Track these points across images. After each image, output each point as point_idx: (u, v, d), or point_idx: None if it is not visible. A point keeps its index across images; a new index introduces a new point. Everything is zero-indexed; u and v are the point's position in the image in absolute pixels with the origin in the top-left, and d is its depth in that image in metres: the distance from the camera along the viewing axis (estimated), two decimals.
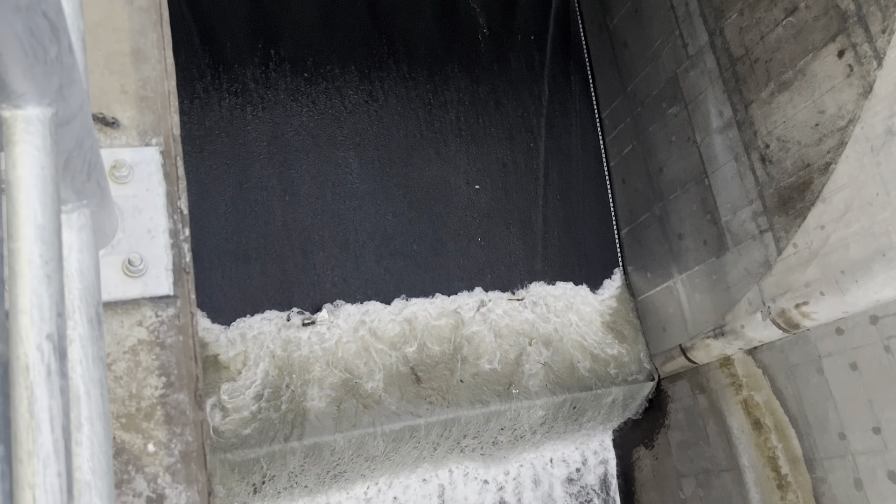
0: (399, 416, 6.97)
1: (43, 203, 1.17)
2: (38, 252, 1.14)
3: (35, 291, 1.13)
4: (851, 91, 5.82)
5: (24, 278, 1.12)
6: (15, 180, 1.17)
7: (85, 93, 1.34)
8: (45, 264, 1.15)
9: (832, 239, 5.97)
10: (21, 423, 1.07)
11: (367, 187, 7.90)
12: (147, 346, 1.77)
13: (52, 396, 1.10)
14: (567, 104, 9.14)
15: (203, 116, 7.30)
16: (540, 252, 8.53)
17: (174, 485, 1.69)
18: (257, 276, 7.15)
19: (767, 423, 6.84)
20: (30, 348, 1.10)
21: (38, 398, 1.08)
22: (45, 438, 1.08)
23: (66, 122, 1.27)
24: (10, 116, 1.19)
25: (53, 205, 1.19)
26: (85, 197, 1.54)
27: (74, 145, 1.34)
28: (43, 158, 1.19)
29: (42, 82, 1.14)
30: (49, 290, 1.14)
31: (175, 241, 1.84)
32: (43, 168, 1.19)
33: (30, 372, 1.09)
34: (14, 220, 1.15)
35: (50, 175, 1.19)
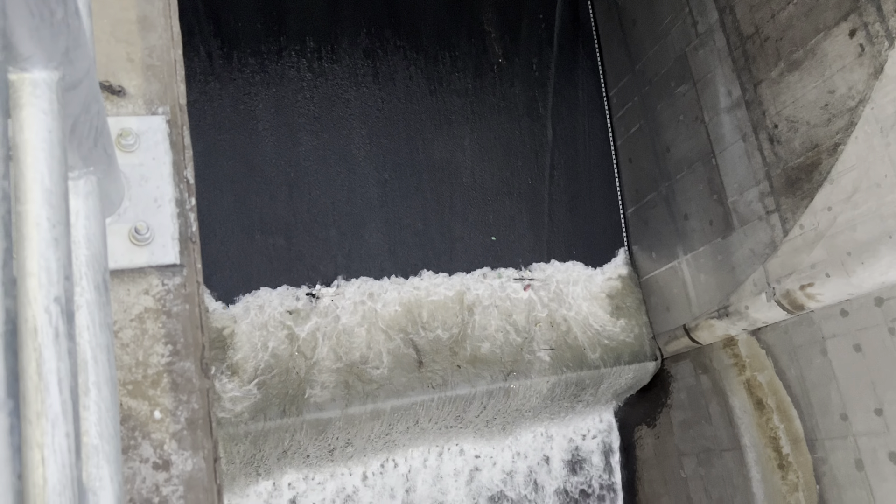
0: (403, 392, 7.01)
1: (50, 167, 1.17)
2: (45, 215, 1.15)
3: (43, 254, 1.13)
4: (862, 71, 5.77)
5: (32, 241, 1.13)
6: (22, 143, 1.17)
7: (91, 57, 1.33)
8: (53, 228, 1.15)
9: (839, 220, 5.94)
10: (30, 384, 1.08)
11: (372, 165, 7.88)
12: (153, 315, 1.78)
13: (60, 359, 1.11)
14: (575, 82, 9.08)
15: (209, 89, 7.28)
16: (545, 231, 8.52)
17: (180, 451, 1.71)
18: (262, 252, 7.17)
19: (770, 403, 6.86)
20: (38, 311, 1.10)
21: (46, 360, 1.09)
22: (54, 400, 1.09)
23: (72, 86, 1.26)
24: (17, 79, 1.18)
25: (61, 169, 1.19)
26: (92, 164, 1.54)
27: (81, 110, 1.34)
28: (50, 122, 1.19)
29: (48, 45, 1.14)
30: (57, 254, 1.14)
31: (181, 211, 1.84)
32: (50, 132, 1.18)
33: (38, 334, 1.09)
34: (21, 184, 1.15)
35: (57, 139, 1.19)
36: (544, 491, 8.65)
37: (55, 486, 1.06)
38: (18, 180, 1.16)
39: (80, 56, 1.25)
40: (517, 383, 7.51)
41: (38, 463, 1.06)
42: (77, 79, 1.28)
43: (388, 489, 7.97)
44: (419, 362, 7.22)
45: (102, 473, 1.42)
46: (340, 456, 7.46)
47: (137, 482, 1.67)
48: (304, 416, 6.55)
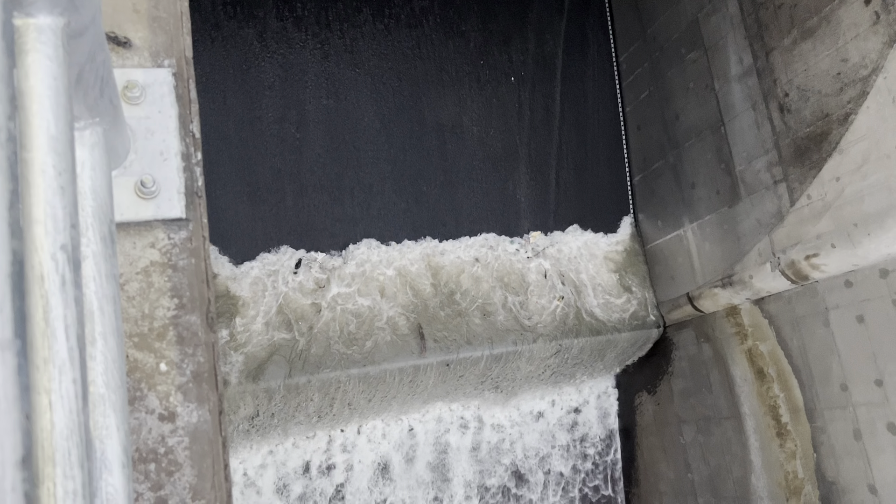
0: (407, 355, 7.05)
1: (56, 114, 1.16)
2: (51, 163, 1.14)
3: (49, 202, 1.13)
4: (876, 40, 5.68)
5: (38, 188, 1.12)
6: (27, 90, 1.16)
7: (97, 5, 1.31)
8: (59, 175, 1.14)
9: (847, 191, 5.91)
10: (37, 330, 1.09)
11: (379, 128, 7.83)
12: (159, 268, 1.78)
13: (66, 306, 1.11)
14: (584, 47, 8.96)
15: (216, 46, 7.21)
16: (552, 197, 8.49)
17: (186, 403, 1.73)
18: (269, 213, 7.17)
19: (770, 372, 6.89)
20: (44, 258, 1.10)
21: (53, 307, 1.09)
22: (61, 346, 1.09)
23: (78, 33, 1.25)
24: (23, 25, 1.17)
25: (66, 116, 1.18)
26: (97, 114, 1.52)
27: (87, 59, 1.32)
28: (55, 69, 1.18)
29: None
30: (63, 202, 1.14)
31: (187, 165, 1.83)
32: (55, 79, 1.17)
33: (45, 281, 1.10)
34: (27, 130, 1.14)
35: (62, 86, 1.18)
36: (544, 455, 8.76)
37: (62, 430, 1.07)
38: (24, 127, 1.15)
39: (85, 3, 1.23)
40: (521, 348, 7.55)
41: (45, 408, 1.07)
42: (82, 26, 1.26)
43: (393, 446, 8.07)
44: (425, 325, 7.26)
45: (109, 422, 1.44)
46: (343, 416, 7.55)
47: (143, 433, 1.69)
48: (311, 376, 6.61)
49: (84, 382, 1.13)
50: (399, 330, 7.15)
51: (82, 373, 1.12)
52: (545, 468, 8.74)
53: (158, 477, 1.68)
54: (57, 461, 1.06)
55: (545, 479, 8.73)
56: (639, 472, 8.78)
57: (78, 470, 1.08)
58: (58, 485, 1.05)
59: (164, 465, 1.69)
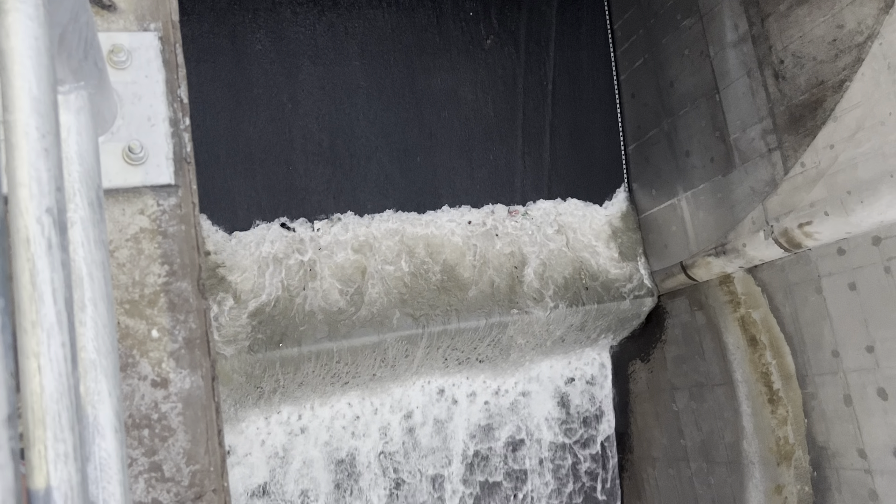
0: (398, 326, 7.08)
1: (38, 75, 1.14)
2: (34, 125, 1.12)
3: (33, 164, 1.11)
4: (873, 5, 5.63)
5: (22, 150, 1.11)
6: (8, 51, 1.13)
7: None
8: (42, 137, 1.13)
9: (840, 159, 5.90)
10: (24, 294, 1.08)
11: (371, 97, 7.77)
12: (149, 235, 1.77)
13: (53, 269, 1.10)
14: (579, 13, 8.87)
15: (204, 13, 7.11)
16: (546, 166, 8.46)
17: (178, 369, 1.73)
18: (260, 183, 7.13)
19: (763, 340, 6.94)
20: (30, 221, 1.09)
21: (39, 270, 1.08)
22: (48, 310, 1.09)
23: None
24: None
25: (49, 77, 1.16)
26: (82, 78, 1.50)
27: (69, 19, 1.30)
28: (36, 29, 1.15)
29: None
30: (47, 164, 1.12)
31: (175, 130, 1.81)
32: (37, 38, 1.15)
33: (31, 244, 1.09)
34: (9, 92, 1.12)
35: (44, 46, 1.16)
36: (536, 424, 8.84)
37: (52, 393, 1.07)
38: (5, 89, 1.13)
39: None
40: (516, 317, 7.58)
41: (34, 371, 1.07)
42: None
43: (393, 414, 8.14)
44: (417, 296, 7.27)
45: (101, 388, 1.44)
46: (341, 387, 7.59)
47: (136, 399, 1.70)
48: (302, 347, 6.63)
49: (73, 346, 1.13)
50: (392, 300, 7.16)
51: (71, 336, 1.12)
52: (538, 437, 8.83)
53: (152, 442, 1.69)
54: (47, 424, 1.06)
55: (538, 448, 8.82)
56: (632, 439, 8.88)
57: (69, 433, 1.08)
58: (49, 447, 1.05)
59: (158, 430, 1.70)
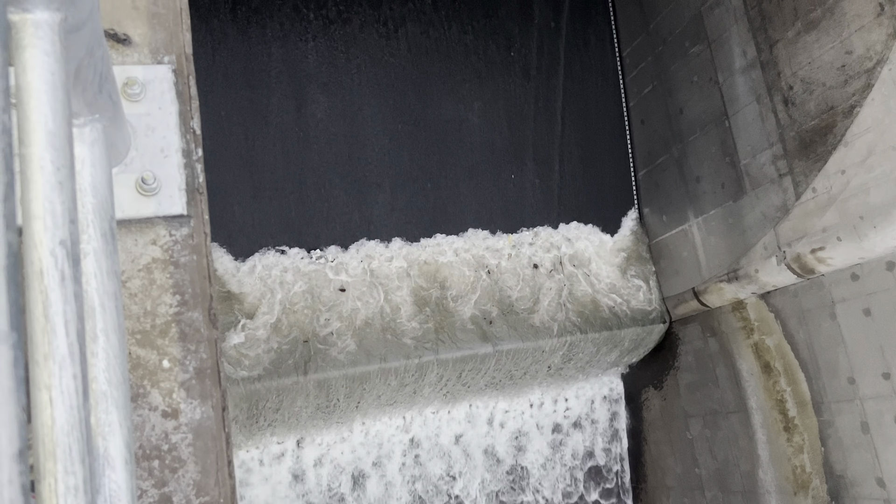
0: (408, 353, 7.05)
1: (53, 109, 1.16)
2: (49, 158, 1.14)
3: (47, 197, 1.12)
4: (881, 31, 5.64)
5: (37, 184, 1.12)
6: (25, 86, 1.15)
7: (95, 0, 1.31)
8: (57, 171, 1.14)
9: (852, 184, 5.88)
10: (37, 326, 1.09)
11: (382, 124, 7.82)
12: (161, 265, 1.78)
13: (66, 301, 1.11)
14: (587, 42, 8.94)
15: (213, 38, 7.21)
16: (556, 192, 8.47)
17: (189, 400, 1.72)
18: (272, 211, 7.17)
19: (777, 366, 6.87)
20: (43, 253, 1.10)
21: (52, 302, 1.09)
22: (61, 342, 1.09)
23: (75, 28, 1.24)
24: (20, 20, 1.16)
25: (64, 111, 1.18)
26: (97, 111, 1.52)
27: (85, 54, 1.32)
28: (53, 64, 1.17)
29: None
30: (61, 197, 1.14)
31: (188, 161, 1.83)
32: (53, 74, 1.17)
33: (44, 277, 1.10)
34: (25, 126, 1.14)
35: (60, 81, 1.18)
36: (549, 451, 8.75)
37: (63, 426, 1.07)
38: (22, 123, 1.15)
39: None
40: (524, 344, 7.54)
41: (46, 403, 1.07)
42: (80, 21, 1.26)
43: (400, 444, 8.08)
44: (427, 324, 7.25)
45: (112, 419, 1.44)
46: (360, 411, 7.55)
47: (147, 429, 1.69)
48: (313, 374, 6.61)
49: (85, 378, 1.13)
50: (403, 326, 7.14)
51: (83, 369, 1.12)
52: (550, 463, 8.73)
53: (162, 474, 1.68)
54: (58, 457, 1.06)
55: (550, 473, 8.72)
56: (646, 468, 8.77)
57: (79, 466, 1.08)
58: (59, 481, 1.05)
59: (168, 461, 1.69)
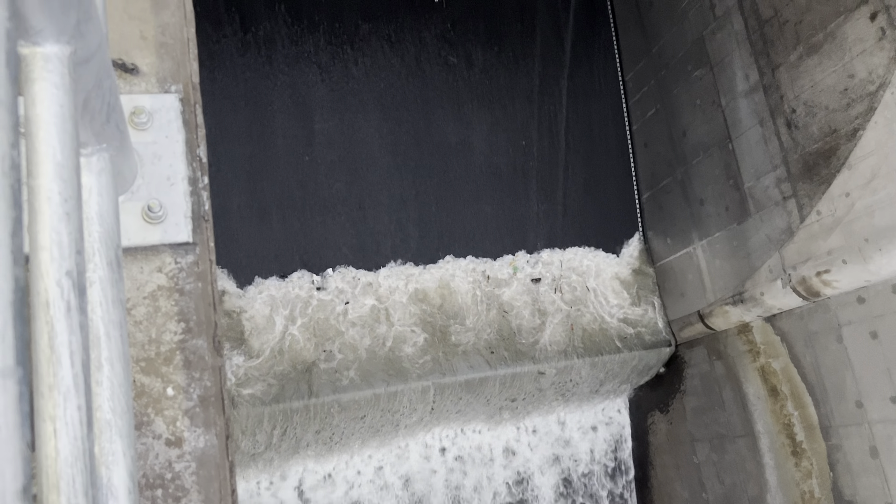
0: (414, 376, 7.02)
1: (62, 141, 1.17)
2: (56, 189, 1.15)
3: (54, 228, 1.13)
4: (883, 55, 5.67)
5: (44, 215, 1.13)
6: (34, 118, 1.17)
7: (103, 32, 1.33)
8: (65, 202, 1.15)
9: (857, 206, 5.87)
10: (42, 357, 1.09)
11: (387, 148, 7.87)
12: (166, 292, 1.78)
13: (71, 332, 1.11)
14: (590, 66, 9.00)
15: (219, 66, 7.27)
16: (560, 215, 8.48)
17: (193, 428, 1.72)
18: (276, 234, 7.19)
19: (784, 390, 6.82)
20: (49, 284, 1.11)
21: (58, 333, 1.09)
22: (66, 373, 1.09)
23: (84, 60, 1.26)
24: (29, 53, 1.18)
25: (72, 143, 1.19)
26: (104, 140, 1.54)
27: (93, 85, 1.34)
28: (61, 97, 1.19)
29: (60, 18, 1.13)
30: (68, 228, 1.14)
31: (194, 189, 1.84)
32: (62, 106, 1.18)
33: (50, 307, 1.10)
34: (33, 158, 1.15)
35: (69, 113, 1.19)
36: (556, 476, 8.67)
37: (67, 457, 1.06)
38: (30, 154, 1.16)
39: (91, 30, 1.24)
40: (526, 367, 7.51)
41: (50, 435, 1.07)
42: (89, 53, 1.27)
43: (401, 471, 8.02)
44: (430, 346, 7.23)
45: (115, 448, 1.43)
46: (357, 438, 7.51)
47: (150, 458, 1.69)
48: (318, 398, 6.59)
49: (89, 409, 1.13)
50: (408, 350, 7.13)
51: (87, 399, 1.12)
52: (557, 488, 8.65)
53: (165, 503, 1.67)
54: (62, 489, 1.06)
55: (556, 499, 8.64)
56: (652, 493, 8.68)
57: (83, 498, 1.08)
58: None
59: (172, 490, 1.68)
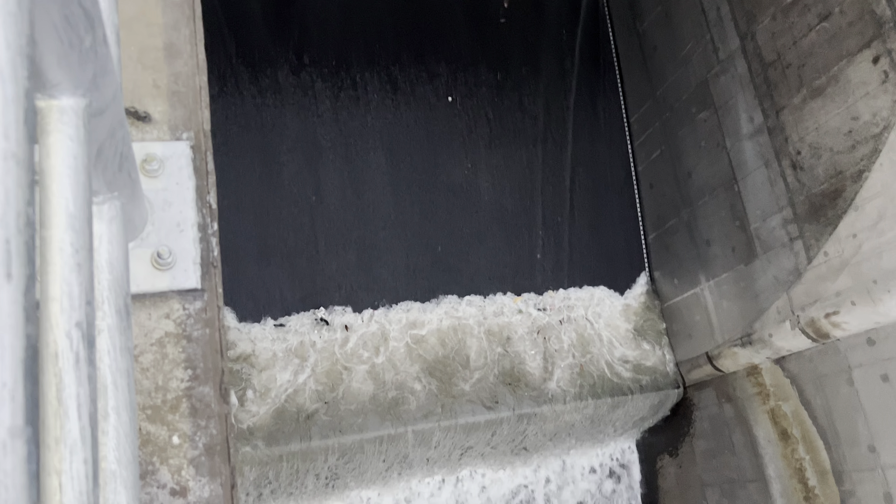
0: (418, 418, 6.96)
1: (75, 192, 1.18)
2: (69, 241, 1.15)
3: (66, 280, 1.13)
4: (886, 98, 5.71)
5: (55, 266, 1.13)
6: (48, 169, 1.18)
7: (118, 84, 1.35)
8: (76, 253, 1.15)
9: (864, 248, 5.86)
10: (49, 409, 1.08)
11: (393, 188, 7.91)
12: (174, 339, 1.78)
13: (79, 384, 1.11)
14: (595, 108, 9.08)
15: (230, 113, 7.37)
16: (566, 256, 8.48)
17: (198, 477, 1.70)
18: (282, 275, 7.20)
19: (795, 433, 6.73)
20: (59, 335, 1.10)
21: (66, 385, 1.09)
22: (73, 426, 1.08)
23: (99, 112, 1.28)
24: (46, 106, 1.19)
25: (85, 194, 1.20)
26: (116, 188, 1.55)
27: (107, 136, 1.35)
28: (76, 148, 1.20)
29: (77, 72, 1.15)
30: (79, 279, 1.15)
31: (203, 235, 1.85)
32: (76, 158, 1.19)
33: (59, 359, 1.10)
34: (46, 209, 1.16)
35: (82, 165, 1.20)
36: None
37: None
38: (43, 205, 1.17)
39: (107, 83, 1.26)
40: (536, 409, 7.43)
41: (55, 490, 1.06)
42: (103, 105, 1.29)
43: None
44: (433, 388, 7.18)
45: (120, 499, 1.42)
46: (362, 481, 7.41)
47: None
48: (324, 440, 6.52)
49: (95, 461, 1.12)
50: (411, 392, 7.07)
51: (94, 452, 1.11)
52: None
53: None
54: None
55: None
56: None
57: None
58: None
59: None
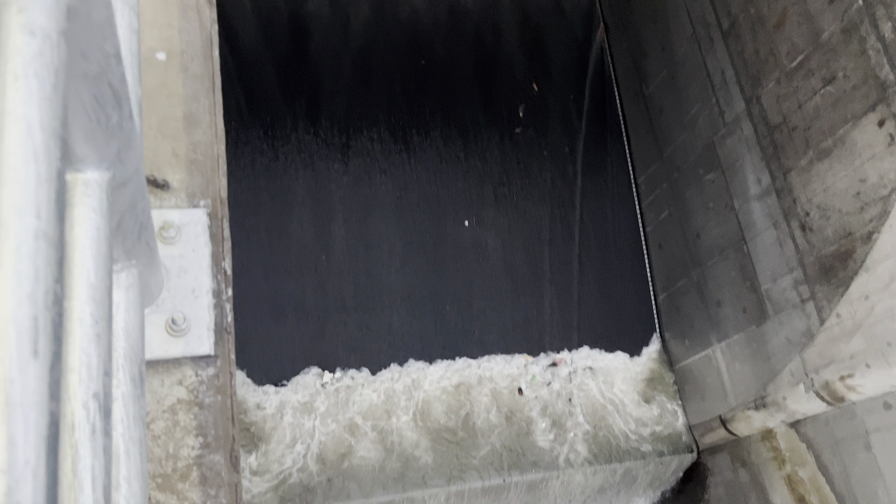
0: (425, 484, 6.84)
1: (96, 263, 1.20)
2: (89, 311, 1.17)
3: (85, 350, 1.14)
4: (893, 160, 5.76)
5: (75, 337, 1.14)
6: (71, 241, 1.20)
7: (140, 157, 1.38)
8: (96, 323, 1.17)
9: (877, 309, 5.81)
10: (64, 482, 1.08)
11: (402, 249, 7.96)
12: (186, 406, 1.77)
13: (95, 456, 1.10)
14: (603, 169, 9.18)
15: (242, 175, 7.49)
16: (575, 318, 8.44)
17: None
18: (292, 336, 7.19)
19: (813, 500, 6.56)
20: (76, 406, 1.11)
21: (81, 457, 1.09)
22: (87, 499, 1.08)
23: (121, 184, 1.31)
24: (71, 180, 1.23)
25: (106, 265, 1.22)
26: (134, 257, 1.57)
27: (128, 207, 1.38)
28: (99, 220, 1.23)
29: (102, 147, 1.18)
30: (98, 350, 1.16)
31: (218, 301, 1.86)
32: (98, 229, 1.22)
33: (75, 430, 1.10)
34: (68, 280, 1.17)
35: (104, 236, 1.22)
36: None
37: None
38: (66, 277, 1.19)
39: (130, 156, 1.30)
40: (545, 475, 7.29)
41: None
42: (126, 177, 1.32)
43: None
44: (443, 451, 7.07)
45: None
46: None
47: None
48: None
49: None
50: (420, 455, 6.97)
51: None
52: None
53: None
54: None
55: None
56: None
57: None
58: None
59: None
